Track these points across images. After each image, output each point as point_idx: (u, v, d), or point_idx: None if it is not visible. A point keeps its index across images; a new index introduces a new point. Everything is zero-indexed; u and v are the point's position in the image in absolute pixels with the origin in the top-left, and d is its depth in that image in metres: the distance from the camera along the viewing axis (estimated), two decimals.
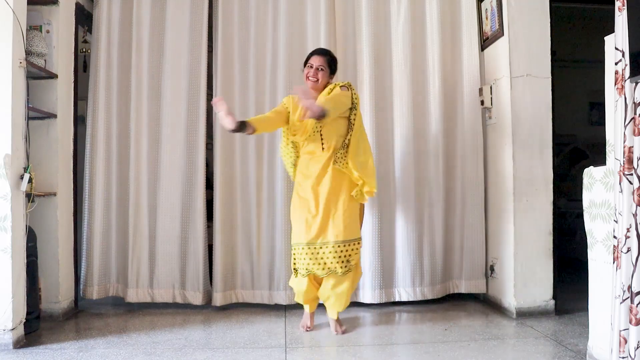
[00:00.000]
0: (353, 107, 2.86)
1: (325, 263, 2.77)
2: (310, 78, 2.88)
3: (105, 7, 3.47)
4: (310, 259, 2.78)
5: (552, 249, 3.19)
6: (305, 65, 2.96)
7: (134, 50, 3.47)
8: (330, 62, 2.94)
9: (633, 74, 1.89)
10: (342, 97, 2.80)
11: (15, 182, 2.62)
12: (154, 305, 3.45)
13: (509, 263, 3.20)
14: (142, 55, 3.48)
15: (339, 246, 2.77)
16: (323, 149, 2.84)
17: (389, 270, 3.43)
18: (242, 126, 2.61)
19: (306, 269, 2.80)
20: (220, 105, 2.58)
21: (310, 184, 2.84)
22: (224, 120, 2.56)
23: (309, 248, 2.78)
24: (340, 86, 2.87)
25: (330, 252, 2.76)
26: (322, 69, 2.88)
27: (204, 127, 3.46)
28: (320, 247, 2.78)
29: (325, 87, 2.93)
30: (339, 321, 2.95)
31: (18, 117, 2.66)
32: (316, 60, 2.90)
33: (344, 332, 2.91)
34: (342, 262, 2.77)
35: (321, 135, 2.83)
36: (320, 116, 2.56)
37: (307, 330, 2.95)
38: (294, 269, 2.89)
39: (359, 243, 2.86)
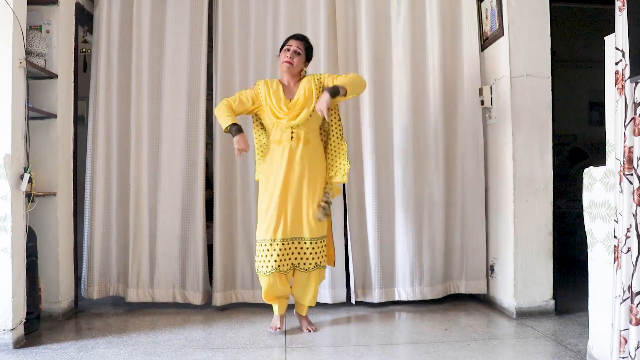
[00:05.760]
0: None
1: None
2: (286, 61, 2.82)
3: (105, 7, 3.47)
4: None
5: (552, 249, 3.19)
6: (281, 50, 2.90)
7: (134, 50, 3.47)
8: (307, 47, 2.90)
9: (633, 74, 1.89)
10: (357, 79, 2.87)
11: (15, 182, 2.62)
12: (154, 305, 3.45)
13: (509, 263, 3.20)
14: (142, 55, 3.48)
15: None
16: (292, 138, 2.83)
17: (389, 270, 3.43)
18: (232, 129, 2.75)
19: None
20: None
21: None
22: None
23: None
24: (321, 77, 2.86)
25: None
26: (298, 53, 2.85)
27: (204, 127, 3.46)
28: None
29: (300, 73, 2.91)
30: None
31: (18, 117, 2.66)
32: (294, 44, 2.85)
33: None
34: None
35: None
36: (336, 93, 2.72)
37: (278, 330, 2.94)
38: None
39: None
